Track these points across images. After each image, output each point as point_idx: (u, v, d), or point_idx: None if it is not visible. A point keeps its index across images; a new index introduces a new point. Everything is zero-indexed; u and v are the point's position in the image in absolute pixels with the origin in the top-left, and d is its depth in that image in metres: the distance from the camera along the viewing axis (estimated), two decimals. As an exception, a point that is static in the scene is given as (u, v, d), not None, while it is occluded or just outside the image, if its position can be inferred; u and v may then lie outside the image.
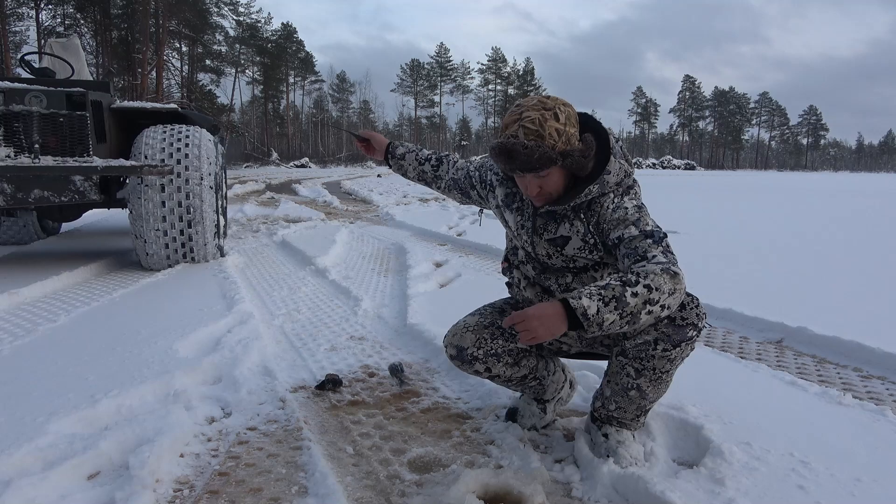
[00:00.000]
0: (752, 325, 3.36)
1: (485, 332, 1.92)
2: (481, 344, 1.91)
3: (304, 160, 51.76)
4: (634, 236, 1.62)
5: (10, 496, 1.56)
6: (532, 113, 1.61)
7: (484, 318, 1.96)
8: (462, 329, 1.94)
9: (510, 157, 1.61)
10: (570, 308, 1.46)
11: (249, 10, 54.43)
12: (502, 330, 1.94)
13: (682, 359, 1.72)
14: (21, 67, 5.72)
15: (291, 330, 3.27)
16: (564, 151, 1.62)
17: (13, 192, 4.21)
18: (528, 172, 1.65)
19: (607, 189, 1.71)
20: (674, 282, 1.51)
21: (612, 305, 1.46)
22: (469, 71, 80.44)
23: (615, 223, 1.67)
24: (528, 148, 1.58)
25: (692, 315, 1.66)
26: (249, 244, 6.51)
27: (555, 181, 1.69)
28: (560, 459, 1.89)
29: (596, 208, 1.72)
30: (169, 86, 43.96)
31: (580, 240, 1.75)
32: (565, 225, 1.76)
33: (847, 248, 6.17)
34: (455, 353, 1.94)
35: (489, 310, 2.02)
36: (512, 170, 1.65)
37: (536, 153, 1.58)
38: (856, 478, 1.69)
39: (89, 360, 2.65)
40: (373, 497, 1.67)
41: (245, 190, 16.63)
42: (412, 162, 2.21)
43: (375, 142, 2.26)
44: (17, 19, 38.37)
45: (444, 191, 2.20)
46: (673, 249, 1.61)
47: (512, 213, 1.90)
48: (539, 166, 1.61)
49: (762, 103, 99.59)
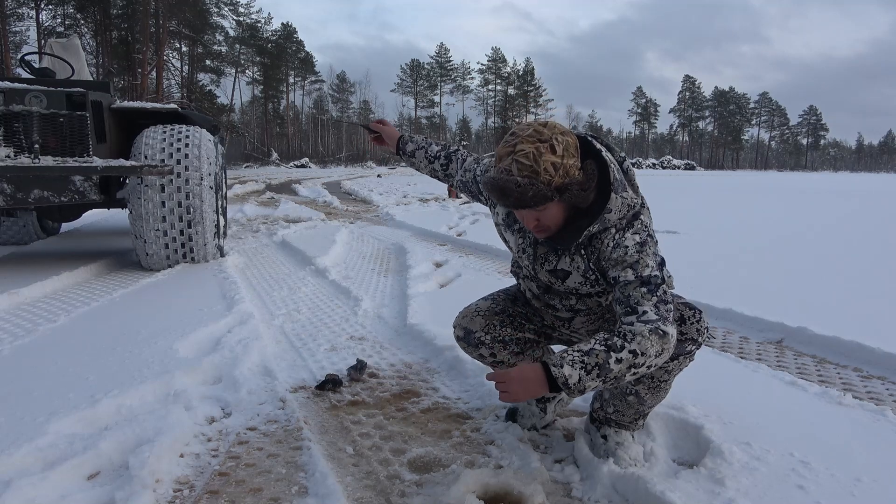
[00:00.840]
0: (752, 325, 3.36)
1: (495, 318, 1.94)
2: (490, 329, 1.93)
3: (304, 160, 51.82)
4: (629, 282, 1.55)
5: (10, 496, 1.56)
6: (526, 146, 1.48)
7: (496, 305, 1.97)
8: (473, 312, 1.97)
9: (503, 194, 1.50)
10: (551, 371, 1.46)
11: (249, 10, 54.50)
12: (512, 318, 1.95)
13: (681, 369, 1.73)
14: (21, 67, 5.72)
15: (291, 330, 3.27)
16: (561, 186, 1.49)
17: (13, 192, 4.21)
18: (524, 209, 1.56)
19: (609, 225, 1.60)
20: (662, 342, 1.49)
21: (594, 373, 1.45)
22: (469, 71, 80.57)
23: (613, 262, 1.59)
24: (521, 186, 1.47)
25: (692, 330, 1.66)
26: (249, 244, 6.51)
27: (553, 215, 1.57)
28: (560, 459, 1.89)
29: (597, 244, 1.62)
30: (169, 86, 43.99)
31: (580, 275, 1.68)
32: (566, 259, 1.69)
33: (847, 248, 6.17)
34: (463, 334, 1.97)
35: (502, 296, 2.02)
36: (507, 206, 1.55)
37: (530, 191, 1.47)
38: (856, 478, 1.69)
39: (89, 360, 2.65)
40: (373, 497, 1.67)
41: (245, 190, 16.63)
42: (422, 160, 2.17)
43: (386, 134, 2.21)
44: (17, 19, 38.40)
45: (458, 190, 2.13)
46: (669, 297, 1.56)
47: (514, 234, 1.82)
48: (534, 203, 1.50)
49: (762, 103, 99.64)
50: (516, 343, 1.94)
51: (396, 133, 2.22)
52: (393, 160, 48.85)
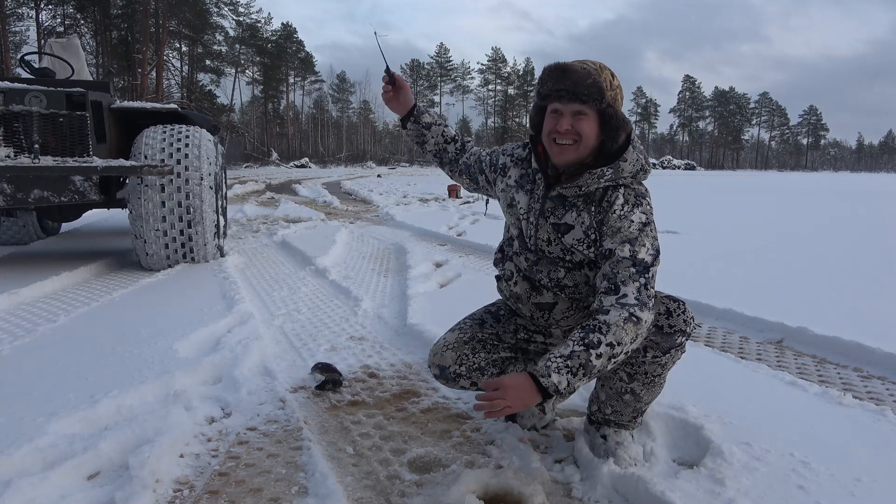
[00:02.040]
0: (752, 325, 3.36)
1: (465, 347, 1.91)
2: (463, 360, 1.90)
3: (304, 160, 51.82)
4: (623, 259, 1.60)
5: (10, 496, 1.56)
6: (592, 62, 1.65)
7: (463, 334, 1.95)
8: (442, 348, 1.94)
9: (564, 73, 1.59)
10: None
11: (249, 10, 54.47)
12: (483, 342, 1.93)
13: (674, 362, 1.73)
14: (21, 67, 5.72)
15: (291, 330, 3.27)
16: (612, 100, 1.62)
17: (13, 192, 4.21)
18: (572, 101, 1.60)
19: (621, 179, 1.66)
20: (636, 329, 1.54)
21: (580, 374, 1.50)
22: (469, 71, 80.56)
23: (614, 231, 1.63)
24: (585, 70, 1.58)
25: (679, 322, 1.67)
26: (249, 244, 6.51)
27: (588, 127, 1.63)
28: (560, 459, 1.89)
29: (605, 206, 1.67)
30: (169, 86, 43.97)
31: (582, 231, 1.70)
32: (572, 213, 1.71)
33: (847, 248, 6.17)
34: (438, 372, 1.95)
35: (469, 323, 2.00)
36: (557, 90, 1.61)
37: (591, 78, 1.58)
38: (856, 478, 1.69)
39: (89, 360, 2.65)
40: (373, 497, 1.67)
41: (245, 190, 16.63)
42: (437, 136, 2.07)
43: (403, 94, 2.04)
44: (17, 19, 38.36)
45: (455, 175, 2.11)
46: (654, 282, 1.61)
47: (525, 194, 1.82)
48: (588, 94, 1.58)
49: (762, 103, 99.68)
50: (493, 365, 1.92)
51: (412, 99, 2.07)
52: (393, 160, 48.80)
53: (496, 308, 2.06)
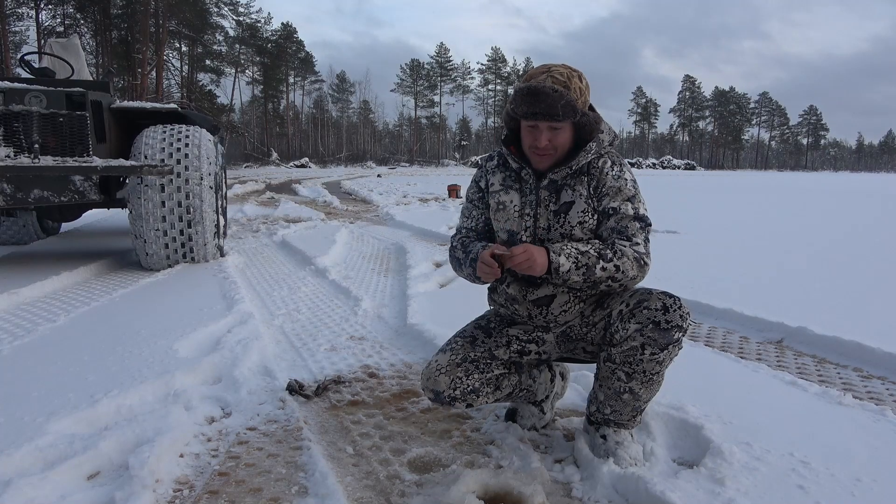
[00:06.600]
0: (752, 325, 3.36)
1: (458, 370, 1.86)
2: (456, 384, 1.85)
3: (304, 160, 51.81)
4: (627, 215, 1.76)
5: (10, 496, 1.56)
6: (560, 68, 1.73)
7: (455, 355, 1.89)
8: (435, 372, 1.87)
9: (537, 97, 1.67)
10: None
11: (249, 10, 54.46)
12: (476, 363, 1.88)
13: (671, 359, 1.73)
14: (21, 67, 5.71)
15: (291, 330, 3.27)
16: (582, 109, 1.73)
17: (13, 192, 4.21)
18: (547, 120, 1.69)
19: (603, 150, 1.80)
20: (640, 270, 1.72)
21: (581, 271, 1.68)
22: (469, 71, 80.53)
23: (614, 192, 1.78)
24: (557, 92, 1.66)
25: (675, 317, 1.66)
26: (249, 244, 6.51)
27: (564, 138, 1.76)
28: (560, 459, 1.88)
29: (595, 172, 1.80)
30: (169, 86, 43.99)
31: (584, 202, 1.79)
32: (567, 192, 1.81)
33: (848, 248, 6.17)
34: (433, 396, 1.89)
35: (460, 342, 1.93)
36: (532, 113, 1.69)
37: (563, 99, 1.66)
38: (856, 478, 1.69)
39: (89, 360, 2.65)
40: (373, 497, 1.67)
41: (245, 190, 16.64)
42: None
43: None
44: (17, 19, 38.37)
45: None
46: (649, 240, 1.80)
47: (515, 193, 1.86)
48: (562, 114, 1.67)
49: (762, 103, 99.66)
50: (488, 384, 1.89)
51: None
52: (393, 160, 48.60)
53: (486, 321, 2.01)
